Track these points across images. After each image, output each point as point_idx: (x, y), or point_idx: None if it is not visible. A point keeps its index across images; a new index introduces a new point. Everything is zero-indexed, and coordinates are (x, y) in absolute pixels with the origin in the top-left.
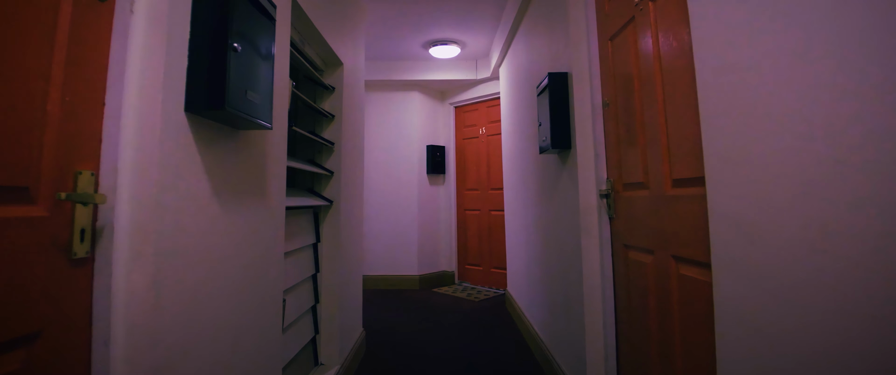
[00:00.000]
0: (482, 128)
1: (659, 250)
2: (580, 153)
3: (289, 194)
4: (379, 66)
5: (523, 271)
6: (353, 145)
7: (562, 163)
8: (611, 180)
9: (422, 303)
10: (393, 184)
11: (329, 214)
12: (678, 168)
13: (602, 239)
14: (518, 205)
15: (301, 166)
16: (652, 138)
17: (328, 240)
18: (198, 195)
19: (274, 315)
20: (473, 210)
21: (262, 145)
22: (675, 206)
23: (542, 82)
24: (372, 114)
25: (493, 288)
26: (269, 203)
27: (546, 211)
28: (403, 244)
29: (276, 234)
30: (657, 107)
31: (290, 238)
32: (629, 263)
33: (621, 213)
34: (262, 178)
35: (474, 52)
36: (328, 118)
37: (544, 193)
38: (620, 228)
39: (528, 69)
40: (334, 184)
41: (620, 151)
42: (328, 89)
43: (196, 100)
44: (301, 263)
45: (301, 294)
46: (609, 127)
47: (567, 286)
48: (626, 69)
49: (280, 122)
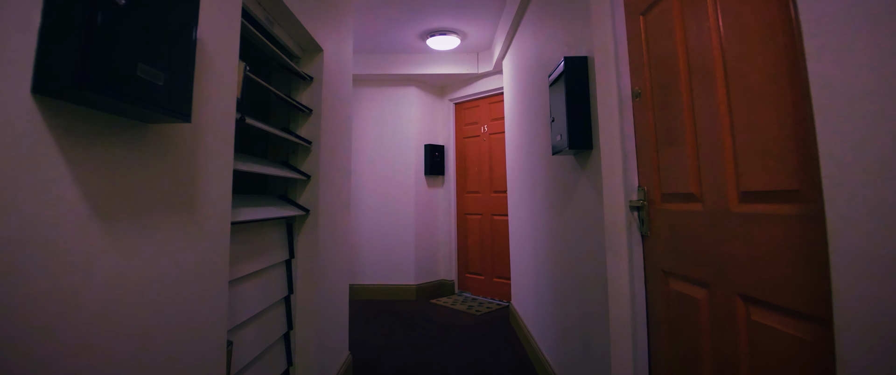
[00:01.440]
0: (484, 126)
1: (717, 284)
2: (605, 154)
3: (248, 204)
4: (372, 59)
5: (530, 286)
6: (337, 144)
7: (580, 167)
8: (644, 188)
9: (418, 317)
10: (388, 186)
11: (305, 225)
12: (751, 177)
13: (632, 261)
14: (524, 212)
15: (257, 169)
16: (708, 137)
17: (304, 255)
18: (60, 218)
19: (213, 366)
20: (475, 214)
21: (189, 145)
22: (745, 228)
23: (556, 69)
24: (365, 110)
25: (495, 300)
26: (202, 220)
27: (559, 222)
28: (399, 251)
29: (213, 260)
30: (717, 97)
31: (250, 257)
32: (670, 296)
33: (659, 230)
34: (190, 188)
35: (475, 43)
36: (305, 112)
37: (556, 201)
38: (657, 249)
39: (538, 57)
40: (311, 189)
41: (657, 153)
42: (305, 79)
43: (49, 77)
44: (268, 286)
45: (268, 322)
46: (641, 122)
47: (586, 316)
48: (667, 50)
49: (219, 114)
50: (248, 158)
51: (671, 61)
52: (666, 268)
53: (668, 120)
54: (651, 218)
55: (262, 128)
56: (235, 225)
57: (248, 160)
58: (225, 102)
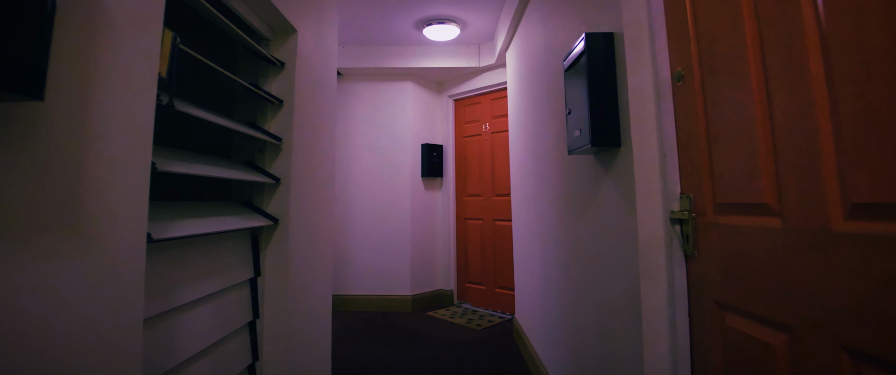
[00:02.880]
0: (486, 125)
1: (807, 329)
2: (637, 153)
3: (196, 214)
4: (363, 52)
5: (537, 301)
6: (315, 141)
7: (602, 168)
8: (689, 196)
9: (415, 332)
10: (381, 189)
11: (274, 237)
12: (865, 184)
13: (674, 287)
14: (530, 218)
15: (199, 171)
16: (794, 128)
17: (273, 273)
18: None
19: None
20: (475, 219)
21: (62, 134)
22: (855, 254)
23: (574, 51)
24: (357, 108)
25: (497, 312)
26: (98, 238)
27: (574, 233)
28: (393, 259)
29: (117, 290)
30: (810, 76)
31: (200, 278)
32: (728, 336)
33: (711, 250)
34: (71, 199)
35: (477, 33)
36: (274, 104)
37: (571, 208)
38: (708, 274)
39: (548, 42)
40: (281, 195)
41: (710, 151)
42: (275, 65)
43: None
44: (225, 311)
45: (226, 355)
46: (685, 112)
47: (609, 349)
48: (725, 19)
49: (124, 95)
50: (193, 157)
51: (732, 33)
52: (722, 300)
53: (727, 107)
54: (699, 233)
55: (201, 116)
56: (177, 241)
57: (192, 159)
58: (136, 80)
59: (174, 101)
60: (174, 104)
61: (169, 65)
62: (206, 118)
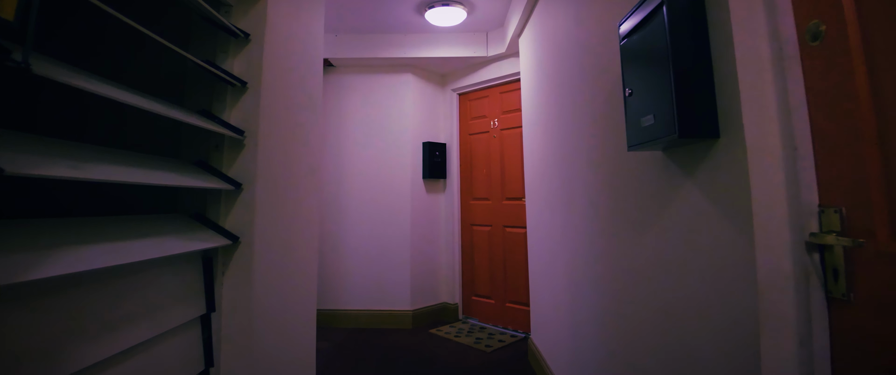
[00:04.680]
0: (494, 121)
1: None
2: (752, 145)
3: (117, 236)
4: (359, 40)
5: (564, 325)
6: (292, 133)
7: (680, 169)
8: (839, 211)
9: (416, 355)
10: (379, 192)
11: (234, 260)
12: None
13: (814, 344)
14: (553, 228)
15: (98, 176)
16: None
17: (232, 307)
18: None
19: None
20: (483, 225)
21: None
22: None
23: (638, 10)
24: (350, 102)
25: (509, 330)
26: None
27: (626, 257)
28: (392, 270)
29: None
30: None
31: (120, 326)
32: None
33: (881, 295)
34: None
35: (485, 18)
36: (235, 86)
37: (624, 222)
38: (876, 331)
39: (583, 16)
40: (244, 204)
41: (880, 145)
42: (237, 36)
43: None
44: (161, 364)
45: None
46: (827, 87)
47: None
48: None
49: None
50: (96, 155)
51: None
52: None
53: None
54: (857, 268)
55: (75, 85)
56: (81, 276)
57: (87, 158)
58: None
59: (31, 61)
60: (31, 65)
61: (21, 3)
62: (93, 90)
